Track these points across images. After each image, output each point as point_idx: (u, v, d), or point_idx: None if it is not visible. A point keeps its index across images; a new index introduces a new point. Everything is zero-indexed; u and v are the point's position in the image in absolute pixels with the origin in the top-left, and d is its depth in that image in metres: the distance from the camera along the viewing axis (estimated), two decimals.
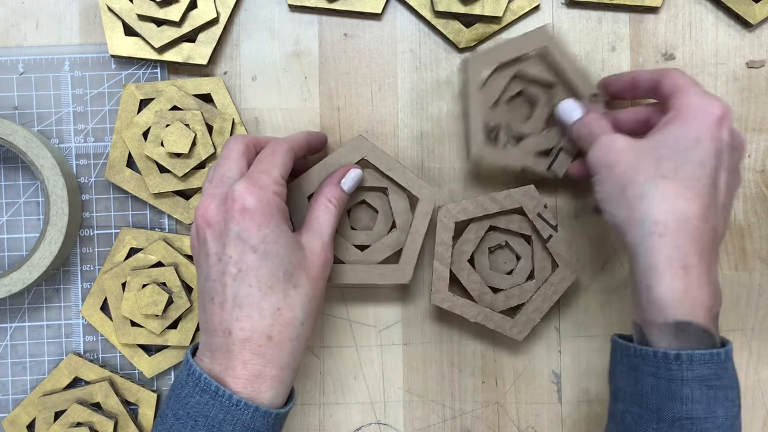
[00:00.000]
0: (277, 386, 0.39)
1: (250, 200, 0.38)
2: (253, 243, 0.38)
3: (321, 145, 0.47)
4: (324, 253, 0.42)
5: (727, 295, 0.52)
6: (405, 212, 0.47)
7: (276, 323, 0.39)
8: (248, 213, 0.38)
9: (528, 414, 0.52)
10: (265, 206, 0.39)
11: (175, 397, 0.39)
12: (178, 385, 0.39)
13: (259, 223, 0.38)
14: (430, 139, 0.51)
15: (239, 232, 0.38)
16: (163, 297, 0.47)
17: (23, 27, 0.51)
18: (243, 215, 0.38)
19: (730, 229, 0.52)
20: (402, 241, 0.46)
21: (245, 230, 0.38)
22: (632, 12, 0.52)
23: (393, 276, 0.46)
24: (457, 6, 0.49)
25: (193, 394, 0.38)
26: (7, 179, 0.51)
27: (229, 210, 0.39)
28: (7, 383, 0.50)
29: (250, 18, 0.51)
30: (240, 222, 0.38)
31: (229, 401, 0.37)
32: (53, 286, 0.51)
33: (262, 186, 0.39)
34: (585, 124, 0.44)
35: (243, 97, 0.51)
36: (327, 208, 0.43)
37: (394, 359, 0.51)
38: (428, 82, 0.51)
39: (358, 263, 0.46)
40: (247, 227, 0.38)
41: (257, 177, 0.40)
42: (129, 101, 0.49)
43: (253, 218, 0.38)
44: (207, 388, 0.37)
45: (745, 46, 0.52)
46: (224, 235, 0.39)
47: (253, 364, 0.38)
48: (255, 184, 0.39)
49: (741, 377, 0.52)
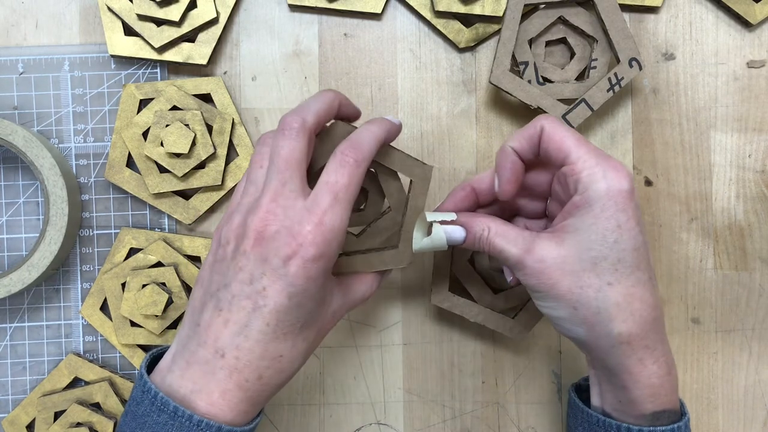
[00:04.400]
0: (246, 409, 0.36)
1: (316, 251, 0.35)
2: (292, 291, 0.35)
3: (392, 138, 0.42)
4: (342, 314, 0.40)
5: (727, 295, 0.52)
6: (398, 192, 0.43)
7: (272, 367, 0.36)
8: (307, 264, 0.35)
9: (528, 414, 0.52)
10: (326, 261, 0.36)
11: (131, 415, 0.36)
12: (133, 402, 0.36)
13: (309, 277, 0.35)
14: (430, 139, 0.51)
15: (287, 274, 0.35)
16: (162, 297, 0.47)
17: (23, 27, 0.51)
18: (301, 263, 0.35)
19: (730, 229, 0.52)
20: (398, 222, 0.44)
21: (294, 277, 0.35)
22: (632, 12, 0.52)
23: (392, 260, 0.43)
24: (457, 6, 0.49)
25: (150, 413, 0.35)
26: (7, 179, 0.51)
27: (291, 247, 0.35)
28: (6, 383, 0.50)
29: (250, 18, 0.51)
30: (293, 267, 0.35)
31: (190, 422, 0.34)
32: (53, 286, 0.51)
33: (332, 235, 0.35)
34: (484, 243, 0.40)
35: (243, 97, 0.51)
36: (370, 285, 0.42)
37: (394, 359, 0.51)
38: (428, 82, 0.51)
39: (355, 251, 0.44)
40: (297, 276, 0.35)
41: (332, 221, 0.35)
42: (129, 101, 0.49)
43: (307, 270, 0.35)
44: (165, 408, 0.35)
45: (745, 45, 0.52)
46: (269, 264, 0.35)
47: (232, 396, 0.36)
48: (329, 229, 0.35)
49: (741, 377, 0.52)
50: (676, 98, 0.52)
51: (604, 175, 0.36)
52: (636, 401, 0.38)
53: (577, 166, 0.37)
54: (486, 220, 0.40)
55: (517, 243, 0.38)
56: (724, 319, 0.52)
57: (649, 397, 0.38)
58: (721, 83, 0.52)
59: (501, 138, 0.51)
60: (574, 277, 0.37)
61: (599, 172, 0.36)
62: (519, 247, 0.38)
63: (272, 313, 0.35)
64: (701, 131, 0.52)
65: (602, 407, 0.41)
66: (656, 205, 0.52)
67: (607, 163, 0.37)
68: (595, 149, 0.38)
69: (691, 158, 0.52)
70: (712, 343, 0.52)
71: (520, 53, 0.48)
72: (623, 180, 0.36)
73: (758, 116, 0.52)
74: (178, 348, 0.37)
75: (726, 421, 0.52)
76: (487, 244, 0.39)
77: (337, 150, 0.37)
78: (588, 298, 0.37)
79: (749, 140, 0.52)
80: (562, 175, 0.38)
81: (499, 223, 0.40)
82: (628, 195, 0.37)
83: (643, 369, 0.38)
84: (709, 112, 0.52)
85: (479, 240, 0.40)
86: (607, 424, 0.40)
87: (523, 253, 0.38)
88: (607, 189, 0.36)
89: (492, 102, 0.51)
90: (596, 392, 0.41)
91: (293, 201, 0.36)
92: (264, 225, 0.35)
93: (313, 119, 0.38)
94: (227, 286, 0.36)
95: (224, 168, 0.49)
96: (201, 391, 0.35)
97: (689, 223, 0.52)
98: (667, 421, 0.39)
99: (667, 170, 0.52)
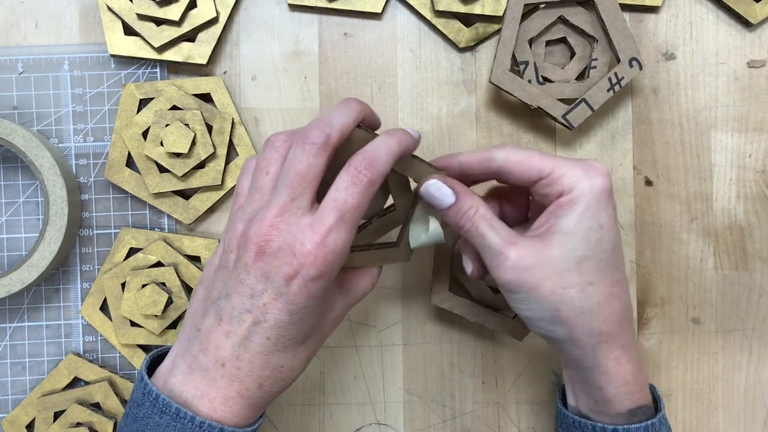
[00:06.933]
0: (248, 414, 0.36)
1: (317, 271, 0.34)
2: (293, 309, 0.35)
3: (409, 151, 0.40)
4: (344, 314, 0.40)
5: (728, 295, 0.52)
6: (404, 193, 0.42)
7: (273, 377, 0.36)
8: (309, 284, 0.34)
9: (528, 414, 0.52)
10: (327, 279, 0.35)
11: (132, 416, 0.36)
12: (134, 404, 0.36)
13: (310, 295, 0.35)
14: (430, 139, 0.51)
15: (288, 293, 0.34)
16: (162, 297, 0.47)
17: (23, 27, 0.50)
18: (302, 283, 0.34)
19: (730, 229, 0.52)
20: (400, 221, 0.43)
21: (295, 296, 0.34)
22: (632, 11, 0.52)
23: (392, 257, 0.42)
24: (457, 5, 0.49)
25: (152, 414, 0.35)
26: (7, 179, 0.51)
27: (292, 266, 0.34)
28: (6, 383, 0.50)
29: (250, 17, 0.51)
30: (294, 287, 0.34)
31: (192, 423, 0.34)
32: (53, 286, 0.51)
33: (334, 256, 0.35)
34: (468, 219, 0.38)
35: (243, 96, 0.51)
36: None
37: (394, 359, 0.51)
38: (428, 82, 0.51)
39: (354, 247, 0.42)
40: (298, 295, 0.34)
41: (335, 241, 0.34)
42: (128, 101, 0.49)
43: (308, 289, 0.34)
44: (167, 410, 0.35)
45: (745, 45, 0.52)
46: (270, 281, 0.34)
47: (234, 402, 0.36)
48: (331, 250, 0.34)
49: (741, 377, 0.52)
50: (677, 98, 0.52)
51: (587, 175, 0.37)
52: (612, 400, 0.39)
53: (555, 174, 0.37)
54: (479, 201, 0.39)
55: (502, 233, 0.37)
56: (724, 319, 0.52)
57: (625, 395, 0.39)
58: (722, 83, 0.52)
59: (501, 138, 0.51)
60: (558, 277, 0.37)
61: (581, 173, 0.37)
62: (501, 236, 0.37)
63: (273, 328, 0.35)
64: (701, 131, 0.52)
65: (578, 407, 0.41)
66: (656, 205, 0.52)
67: (585, 164, 0.38)
68: (565, 157, 0.38)
69: (691, 158, 0.52)
70: (713, 343, 0.52)
71: (520, 53, 0.48)
72: (604, 178, 0.37)
73: (758, 116, 0.52)
74: (179, 350, 0.37)
75: (726, 421, 0.52)
76: (470, 222, 0.38)
77: (351, 163, 0.36)
78: (572, 298, 0.37)
79: (749, 140, 0.52)
80: (540, 188, 0.38)
81: (490, 210, 0.39)
82: (609, 193, 0.37)
83: (619, 368, 0.38)
84: (709, 112, 0.52)
85: (464, 215, 0.38)
86: (582, 424, 0.40)
87: (505, 243, 0.37)
88: (591, 187, 0.37)
89: (492, 102, 0.51)
90: (571, 393, 0.41)
91: (299, 218, 0.35)
92: (266, 240, 0.34)
93: (338, 137, 0.36)
94: (228, 297, 0.36)
95: (224, 168, 0.49)
96: (203, 397, 0.35)
97: (689, 223, 0.52)
98: (643, 417, 0.39)
99: (668, 170, 0.52)
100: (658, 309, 0.51)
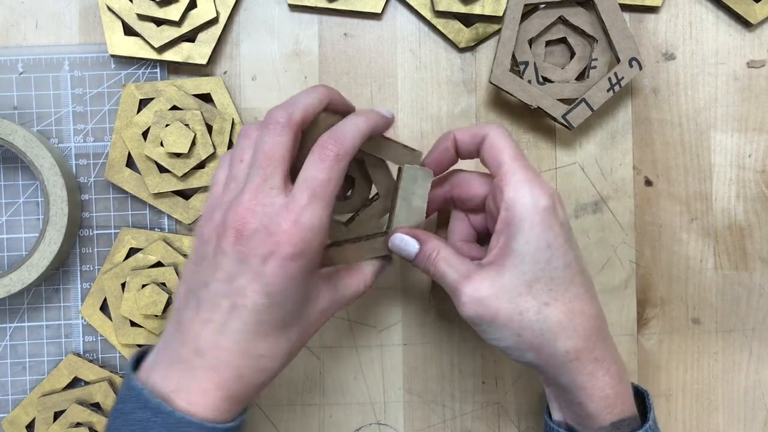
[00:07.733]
0: (228, 408, 0.36)
1: (293, 249, 0.34)
2: (270, 290, 0.35)
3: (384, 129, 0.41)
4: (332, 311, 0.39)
5: (727, 295, 0.52)
6: (386, 178, 0.43)
7: (252, 367, 0.36)
8: (285, 263, 0.34)
9: (528, 414, 0.52)
10: (306, 260, 0.35)
11: (118, 411, 0.36)
12: (120, 400, 0.36)
13: (287, 276, 0.35)
14: (430, 139, 0.51)
15: (264, 273, 0.34)
16: (162, 297, 0.47)
17: (23, 27, 0.51)
18: (279, 263, 0.34)
19: (730, 229, 0.52)
20: (387, 209, 0.42)
21: (272, 276, 0.34)
22: (632, 12, 0.52)
23: (384, 247, 0.42)
24: (457, 6, 0.49)
25: (135, 410, 0.35)
26: (7, 179, 0.51)
27: (268, 246, 0.34)
28: (6, 383, 0.50)
29: (250, 18, 0.51)
30: (270, 266, 0.34)
31: (172, 418, 0.34)
32: (53, 286, 0.51)
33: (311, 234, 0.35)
34: (431, 263, 0.40)
35: (243, 96, 0.51)
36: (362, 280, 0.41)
37: (394, 359, 0.51)
38: (428, 82, 0.51)
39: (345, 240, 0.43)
40: (275, 275, 0.34)
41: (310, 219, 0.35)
42: (128, 101, 0.49)
43: (285, 269, 0.34)
44: (147, 405, 0.34)
45: (745, 45, 0.52)
46: (247, 263, 0.34)
47: (212, 395, 0.35)
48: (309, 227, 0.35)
49: (741, 377, 0.52)
50: (676, 98, 0.52)
51: (530, 191, 0.37)
52: (593, 415, 0.38)
53: (506, 177, 0.38)
54: (439, 243, 0.40)
55: (459, 270, 0.38)
56: (724, 319, 0.52)
57: (605, 409, 0.38)
58: (721, 83, 0.52)
59: None
60: (513, 304, 0.37)
61: (525, 187, 0.37)
62: (459, 273, 0.38)
63: (251, 312, 0.35)
64: (701, 131, 0.52)
65: (565, 421, 0.41)
66: (656, 205, 0.52)
67: (535, 180, 0.37)
68: (529, 168, 0.38)
69: (691, 158, 0.52)
70: (713, 343, 0.52)
71: (520, 53, 0.48)
72: (545, 196, 0.37)
73: (758, 116, 0.52)
74: (162, 345, 0.37)
75: (726, 421, 0.52)
76: (433, 265, 0.39)
77: (318, 143, 0.36)
78: (530, 321, 0.37)
79: (749, 140, 0.52)
80: (494, 187, 0.39)
81: (449, 250, 0.40)
82: (551, 211, 0.37)
83: (595, 382, 0.38)
84: (709, 112, 0.52)
85: (428, 259, 0.40)
86: None
87: (460, 278, 0.38)
88: (533, 205, 0.37)
89: (492, 102, 0.51)
90: (555, 407, 0.41)
91: (273, 198, 0.35)
92: (243, 223, 0.35)
93: (300, 114, 0.37)
94: (207, 285, 0.36)
95: None
96: (181, 390, 0.35)
97: (689, 223, 0.52)
98: (627, 429, 0.39)
99: (668, 170, 0.52)
100: (658, 309, 0.52)
